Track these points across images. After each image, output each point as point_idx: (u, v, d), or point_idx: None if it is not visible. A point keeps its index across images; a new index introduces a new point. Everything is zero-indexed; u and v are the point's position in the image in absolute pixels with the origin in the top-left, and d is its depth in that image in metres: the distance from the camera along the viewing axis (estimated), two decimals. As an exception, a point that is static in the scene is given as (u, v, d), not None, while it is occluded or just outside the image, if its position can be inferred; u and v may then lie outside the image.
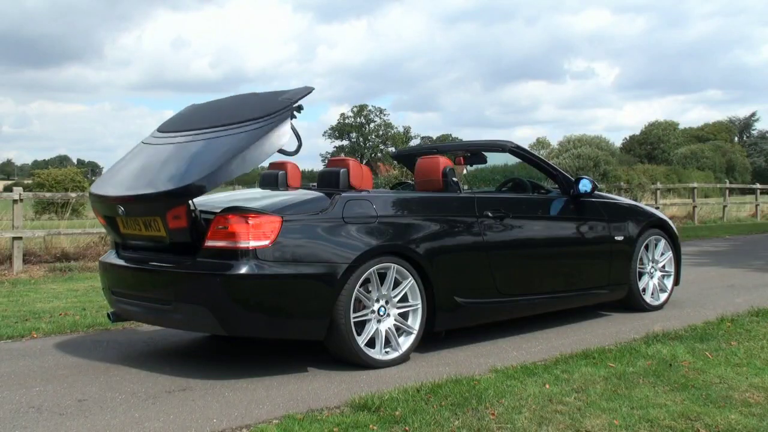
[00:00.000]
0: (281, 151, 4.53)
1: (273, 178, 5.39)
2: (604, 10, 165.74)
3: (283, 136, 4.43)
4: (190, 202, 4.27)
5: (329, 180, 4.84)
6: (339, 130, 79.22)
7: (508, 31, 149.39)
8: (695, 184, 21.89)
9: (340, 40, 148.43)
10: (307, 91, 4.68)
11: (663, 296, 6.48)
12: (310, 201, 4.53)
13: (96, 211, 5.03)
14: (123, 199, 4.50)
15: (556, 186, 6.00)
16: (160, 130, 5.11)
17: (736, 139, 79.62)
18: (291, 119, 4.50)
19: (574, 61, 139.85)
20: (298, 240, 4.30)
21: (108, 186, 4.76)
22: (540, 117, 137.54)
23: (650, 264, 6.40)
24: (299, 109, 4.56)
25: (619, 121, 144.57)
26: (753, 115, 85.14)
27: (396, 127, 78.04)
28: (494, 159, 6.47)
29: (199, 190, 4.19)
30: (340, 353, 4.49)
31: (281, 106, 4.51)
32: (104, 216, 4.84)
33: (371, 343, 4.52)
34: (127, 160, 4.98)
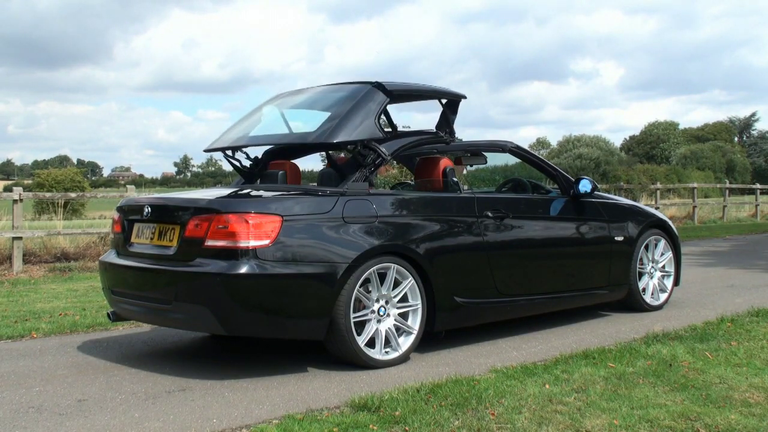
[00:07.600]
0: None
1: (273, 178, 5.38)
2: (616, 11, 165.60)
3: None
4: None
5: (329, 180, 4.84)
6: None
7: (519, 32, 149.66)
8: (695, 184, 21.88)
9: (349, 41, 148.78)
10: None
11: (663, 296, 6.48)
12: (310, 200, 4.53)
13: None
14: None
15: (556, 186, 6.00)
16: None
17: (736, 139, 79.57)
18: None
19: (581, 62, 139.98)
20: (298, 239, 4.30)
21: None
22: (544, 117, 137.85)
23: (650, 264, 6.39)
24: None
25: (623, 121, 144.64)
26: (753, 115, 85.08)
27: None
28: (494, 159, 6.46)
29: None
30: (339, 353, 4.48)
31: None
32: None
33: (371, 343, 4.52)
34: None
